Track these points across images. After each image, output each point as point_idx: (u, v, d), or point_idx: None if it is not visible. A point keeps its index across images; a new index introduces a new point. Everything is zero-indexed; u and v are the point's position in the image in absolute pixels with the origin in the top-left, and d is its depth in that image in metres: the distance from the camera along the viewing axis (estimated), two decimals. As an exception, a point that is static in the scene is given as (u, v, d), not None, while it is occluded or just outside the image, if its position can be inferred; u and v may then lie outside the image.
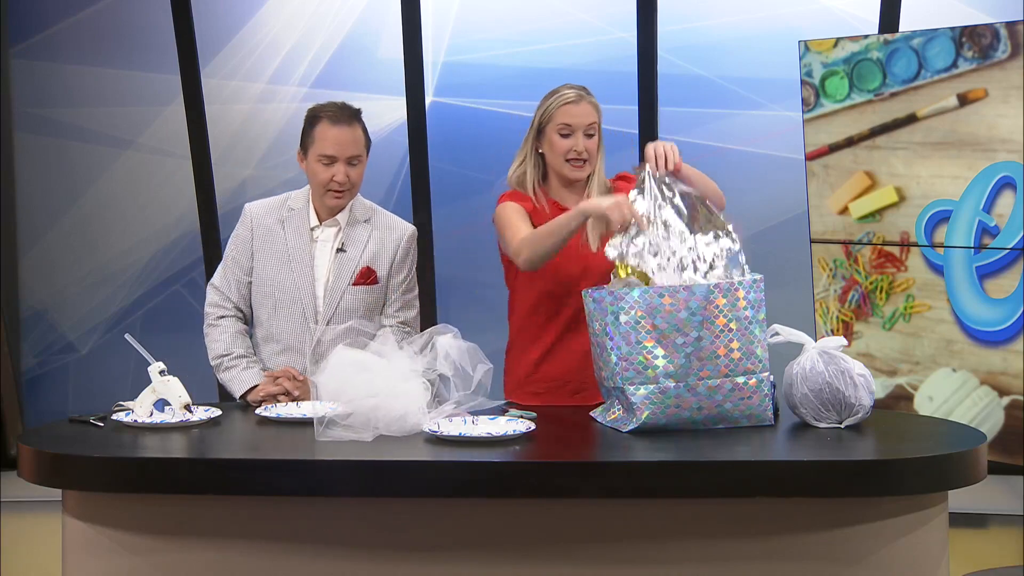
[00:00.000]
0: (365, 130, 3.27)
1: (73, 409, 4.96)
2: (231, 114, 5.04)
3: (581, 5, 4.87)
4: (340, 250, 3.25)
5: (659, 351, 2.73)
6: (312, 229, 3.27)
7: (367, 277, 3.25)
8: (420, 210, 4.90)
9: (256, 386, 3.15)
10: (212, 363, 3.26)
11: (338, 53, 4.97)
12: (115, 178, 5.14)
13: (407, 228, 3.34)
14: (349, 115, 3.24)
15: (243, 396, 3.17)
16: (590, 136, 3.17)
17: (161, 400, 2.85)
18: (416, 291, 3.36)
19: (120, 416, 2.87)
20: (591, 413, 2.92)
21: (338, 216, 3.27)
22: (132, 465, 2.58)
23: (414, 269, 3.35)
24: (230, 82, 5.02)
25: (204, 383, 4.84)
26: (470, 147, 4.95)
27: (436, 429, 2.71)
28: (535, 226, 3.11)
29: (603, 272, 2.99)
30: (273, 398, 3.11)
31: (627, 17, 4.76)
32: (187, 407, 2.84)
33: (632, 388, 2.73)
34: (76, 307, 5.20)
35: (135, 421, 2.82)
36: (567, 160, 3.17)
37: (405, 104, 4.87)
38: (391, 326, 3.21)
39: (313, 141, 3.22)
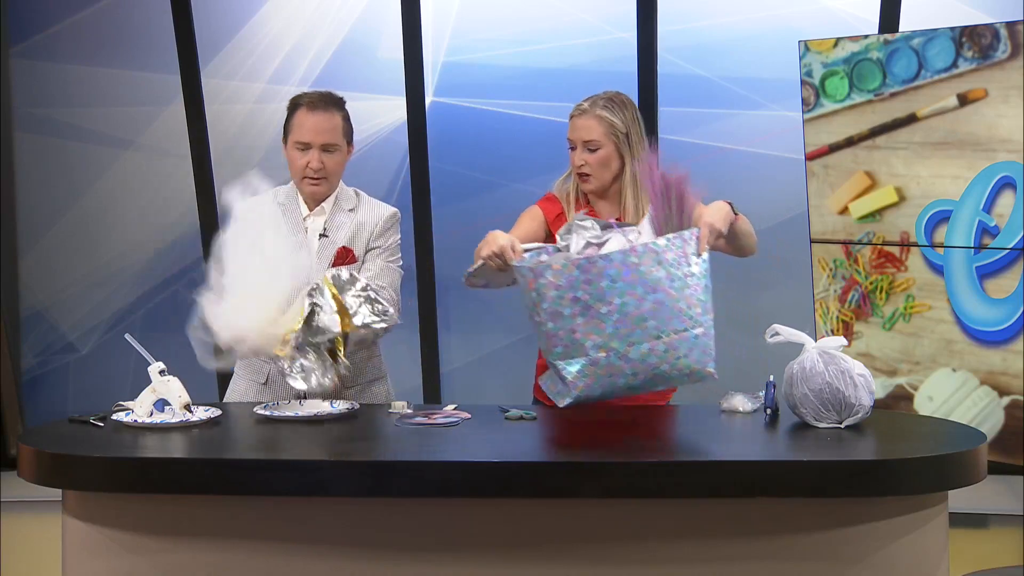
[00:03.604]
0: (347, 119, 3.31)
1: (73, 409, 4.96)
2: (231, 114, 5.04)
3: (581, 5, 4.86)
4: (323, 235, 3.28)
5: (585, 323, 2.70)
6: (304, 219, 3.31)
7: (344, 257, 3.27)
8: (420, 210, 4.90)
9: None
10: None
11: (338, 53, 4.96)
12: (115, 178, 5.14)
13: (388, 209, 3.38)
14: (327, 102, 3.28)
15: None
16: (592, 151, 3.18)
17: (161, 400, 2.85)
18: (395, 266, 3.35)
19: (120, 416, 2.87)
20: (539, 379, 2.91)
21: (323, 204, 3.30)
22: (132, 465, 2.58)
23: (396, 247, 3.35)
24: (230, 82, 5.02)
25: (204, 383, 4.84)
26: (470, 147, 4.95)
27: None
28: (553, 231, 3.19)
29: None
30: None
31: (627, 17, 4.75)
32: (187, 407, 2.84)
33: (563, 364, 2.71)
34: (76, 307, 5.20)
35: (135, 421, 2.82)
36: (577, 173, 3.24)
37: (405, 104, 4.87)
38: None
39: (291, 128, 3.29)
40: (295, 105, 3.30)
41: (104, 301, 5.18)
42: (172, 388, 2.85)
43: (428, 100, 4.90)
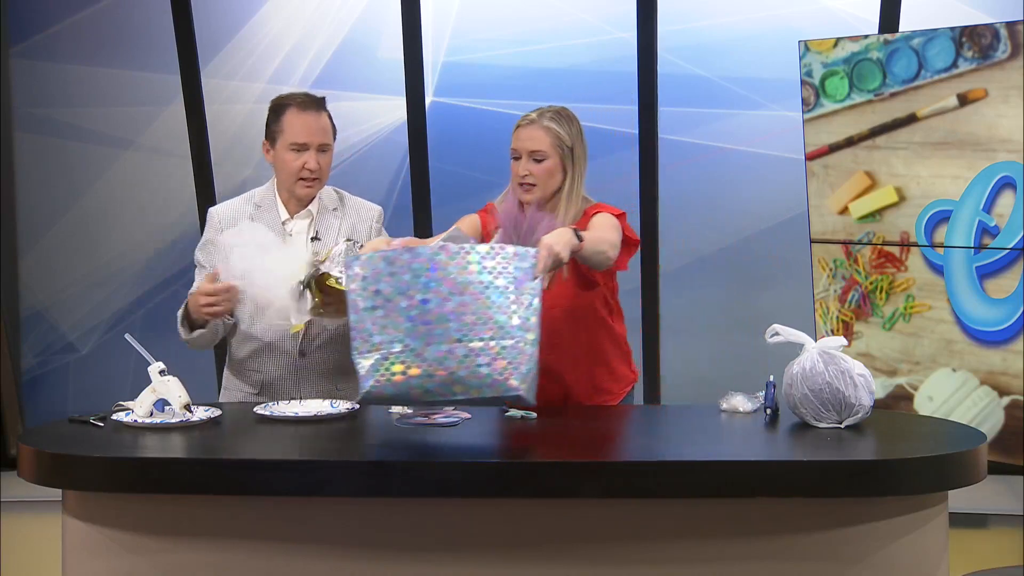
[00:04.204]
0: (331, 118, 3.28)
1: (73, 409, 4.96)
2: (231, 114, 5.04)
3: (581, 5, 4.86)
4: (315, 238, 3.25)
5: (383, 316, 2.62)
6: (284, 223, 3.27)
7: None
8: (420, 210, 4.90)
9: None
10: (181, 331, 3.24)
11: (338, 53, 4.96)
12: (115, 178, 5.14)
13: (374, 208, 3.37)
14: (316, 103, 3.25)
15: (186, 313, 3.16)
16: (538, 161, 3.15)
17: (161, 400, 2.85)
18: None
19: (120, 416, 2.87)
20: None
21: (309, 207, 3.27)
22: (132, 465, 2.58)
23: None
24: (230, 82, 5.02)
25: (204, 383, 4.84)
26: (470, 147, 4.94)
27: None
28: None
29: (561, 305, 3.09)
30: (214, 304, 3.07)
31: (627, 17, 4.75)
32: (187, 407, 2.84)
33: (359, 358, 2.63)
34: (76, 307, 5.20)
35: (135, 421, 2.83)
36: (519, 183, 3.18)
37: (405, 104, 4.87)
38: None
39: (282, 130, 3.22)
40: (282, 106, 3.23)
41: (104, 301, 5.18)
42: (172, 388, 2.85)
43: (428, 100, 4.90)
